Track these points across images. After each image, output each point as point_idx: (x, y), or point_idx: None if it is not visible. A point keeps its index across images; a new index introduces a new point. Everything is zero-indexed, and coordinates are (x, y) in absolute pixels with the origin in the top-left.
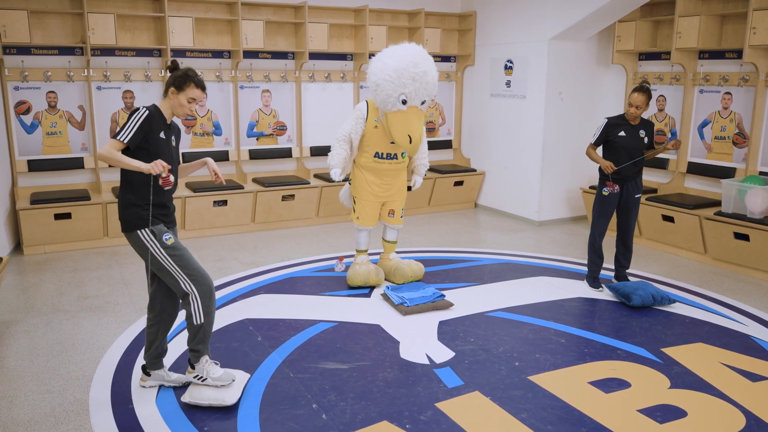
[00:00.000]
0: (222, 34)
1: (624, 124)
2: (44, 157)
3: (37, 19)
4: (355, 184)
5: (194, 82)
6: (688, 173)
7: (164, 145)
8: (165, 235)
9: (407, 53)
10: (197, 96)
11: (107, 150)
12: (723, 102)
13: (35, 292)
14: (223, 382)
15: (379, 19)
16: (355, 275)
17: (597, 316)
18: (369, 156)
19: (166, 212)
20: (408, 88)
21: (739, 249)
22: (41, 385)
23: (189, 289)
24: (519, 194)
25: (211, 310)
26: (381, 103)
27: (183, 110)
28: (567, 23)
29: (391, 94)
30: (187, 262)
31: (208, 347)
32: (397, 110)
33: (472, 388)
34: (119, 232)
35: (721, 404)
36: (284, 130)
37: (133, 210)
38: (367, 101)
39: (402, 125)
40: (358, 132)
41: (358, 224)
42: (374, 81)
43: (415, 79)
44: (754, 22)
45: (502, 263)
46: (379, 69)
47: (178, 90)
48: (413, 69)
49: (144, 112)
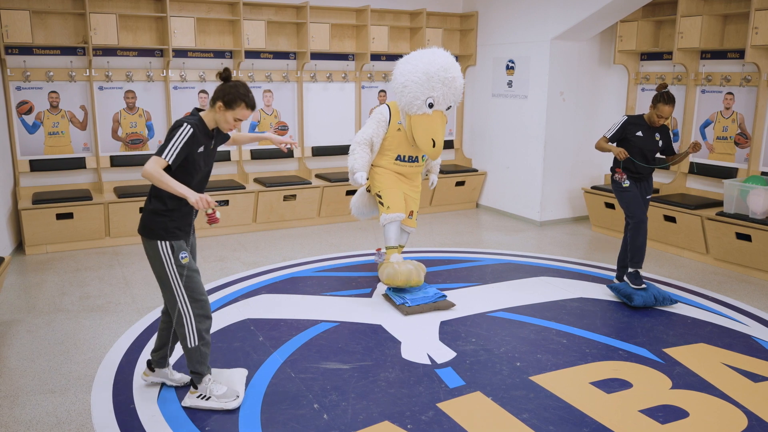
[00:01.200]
0: (224, 34)
1: (642, 125)
2: (46, 157)
3: (39, 20)
4: (379, 179)
5: (245, 102)
6: (690, 174)
7: (201, 157)
8: (182, 253)
9: (438, 57)
10: (245, 116)
11: (155, 170)
12: (725, 102)
13: (37, 291)
14: (228, 399)
15: (381, 19)
16: (396, 274)
17: (598, 317)
18: (390, 159)
19: (189, 222)
20: (437, 92)
21: (741, 249)
22: (43, 384)
23: (185, 310)
24: (521, 194)
25: (204, 335)
26: (406, 105)
27: (228, 126)
28: (569, 23)
29: (419, 96)
30: (193, 284)
31: (209, 366)
32: (422, 113)
33: (473, 389)
34: (121, 232)
35: (723, 405)
36: (286, 130)
37: (159, 220)
38: (388, 105)
39: (426, 129)
40: (380, 135)
41: (389, 213)
42: (401, 82)
43: (445, 84)
44: (757, 22)
45: (504, 263)
46: (408, 71)
47: (226, 107)
48: (443, 74)
49: (188, 130)
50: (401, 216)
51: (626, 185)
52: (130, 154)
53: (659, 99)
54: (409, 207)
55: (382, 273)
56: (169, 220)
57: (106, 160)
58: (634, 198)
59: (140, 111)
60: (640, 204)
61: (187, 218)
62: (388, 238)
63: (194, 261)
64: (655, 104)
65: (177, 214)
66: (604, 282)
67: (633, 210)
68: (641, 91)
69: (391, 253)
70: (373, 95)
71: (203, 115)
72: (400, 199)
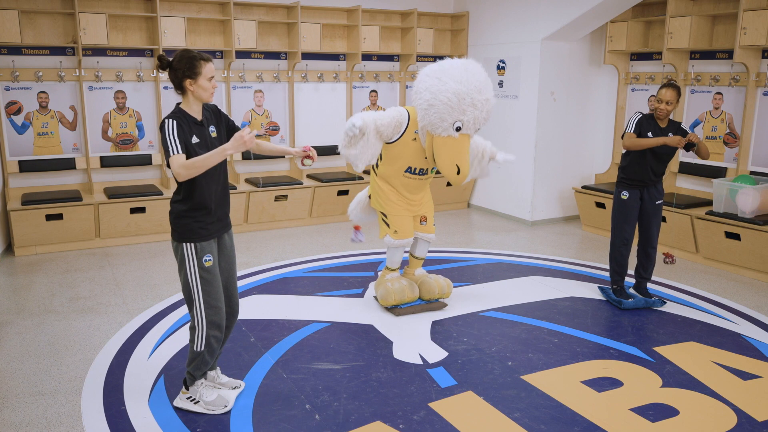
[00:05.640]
0: (214, 34)
1: (653, 126)
2: (35, 157)
3: (28, 19)
4: (385, 199)
5: (202, 59)
6: (680, 173)
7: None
8: (207, 256)
9: (471, 75)
10: (213, 71)
11: (182, 164)
12: (714, 102)
13: (26, 293)
14: (215, 407)
15: (372, 19)
16: (388, 294)
17: (589, 316)
18: (399, 170)
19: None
20: (467, 116)
21: (730, 248)
22: (33, 387)
23: (198, 315)
24: (512, 194)
25: (212, 342)
26: (429, 125)
27: (207, 93)
28: (559, 23)
29: (446, 118)
30: (211, 289)
31: (205, 373)
32: (447, 136)
33: (465, 388)
34: (111, 232)
35: (713, 403)
36: (277, 130)
37: (183, 222)
38: (408, 111)
39: (451, 154)
40: (390, 136)
41: (397, 238)
42: (427, 99)
43: (476, 107)
44: (745, 23)
45: (495, 263)
46: (435, 88)
47: (193, 78)
48: (477, 96)
49: (171, 122)
50: (409, 242)
51: (624, 197)
52: (120, 154)
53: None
54: (421, 211)
55: (377, 292)
56: (193, 221)
57: (96, 161)
58: (625, 216)
59: (130, 111)
60: (625, 225)
61: (212, 216)
62: (392, 261)
63: (232, 265)
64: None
65: (199, 213)
66: (595, 281)
67: (615, 228)
68: (631, 91)
69: (388, 273)
70: (365, 95)
71: (182, 106)
72: (408, 223)
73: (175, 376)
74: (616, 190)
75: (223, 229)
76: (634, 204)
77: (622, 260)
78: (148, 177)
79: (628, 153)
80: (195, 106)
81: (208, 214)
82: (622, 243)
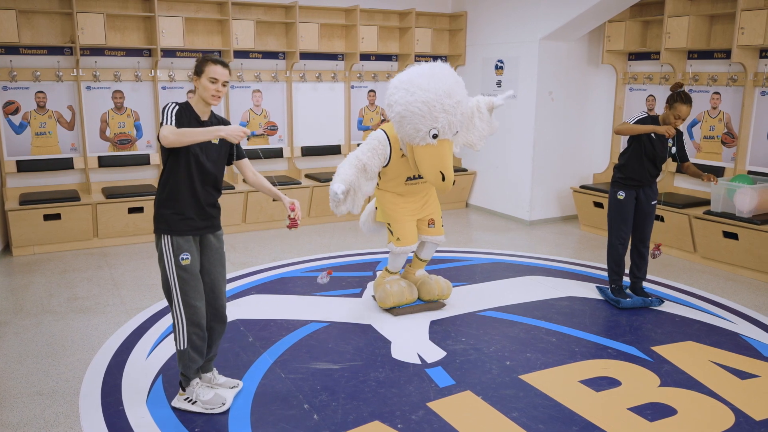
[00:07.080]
0: (212, 34)
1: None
2: (33, 157)
3: (26, 19)
4: (389, 208)
5: (211, 61)
6: (678, 173)
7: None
8: (183, 254)
9: (438, 81)
10: (218, 74)
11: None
12: (712, 102)
13: (24, 293)
14: (213, 405)
15: (370, 19)
16: (386, 296)
17: (587, 315)
18: (400, 182)
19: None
20: (440, 122)
21: (728, 248)
22: (31, 387)
23: (178, 312)
24: (510, 194)
25: (195, 339)
26: (406, 136)
27: (207, 93)
28: (557, 23)
29: (420, 128)
30: (189, 288)
31: (198, 372)
32: (426, 144)
33: (463, 388)
34: (109, 232)
35: (711, 402)
36: (275, 130)
37: (161, 212)
38: (386, 132)
39: (433, 161)
40: (377, 165)
41: (400, 245)
42: (398, 112)
43: (448, 112)
44: (743, 23)
45: (493, 263)
46: (404, 100)
47: (198, 75)
48: (447, 100)
49: (173, 105)
50: (413, 248)
51: (621, 197)
52: (118, 154)
53: (676, 99)
54: (427, 212)
55: (376, 294)
56: (172, 211)
57: (93, 161)
58: (621, 215)
59: (128, 111)
60: (622, 224)
61: (193, 211)
62: (393, 265)
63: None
64: (672, 104)
65: (178, 204)
66: (593, 281)
67: (612, 228)
68: (629, 90)
69: (387, 275)
70: (363, 95)
71: (190, 99)
72: (412, 230)
73: (173, 376)
74: (611, 190)
75: (207, 229)
76: (630, 203)
77: (619, 259)
78: (146, 177)
79: (626, 151)
80: (201, 105)
81: (187, 208)
82: (619, 242)
